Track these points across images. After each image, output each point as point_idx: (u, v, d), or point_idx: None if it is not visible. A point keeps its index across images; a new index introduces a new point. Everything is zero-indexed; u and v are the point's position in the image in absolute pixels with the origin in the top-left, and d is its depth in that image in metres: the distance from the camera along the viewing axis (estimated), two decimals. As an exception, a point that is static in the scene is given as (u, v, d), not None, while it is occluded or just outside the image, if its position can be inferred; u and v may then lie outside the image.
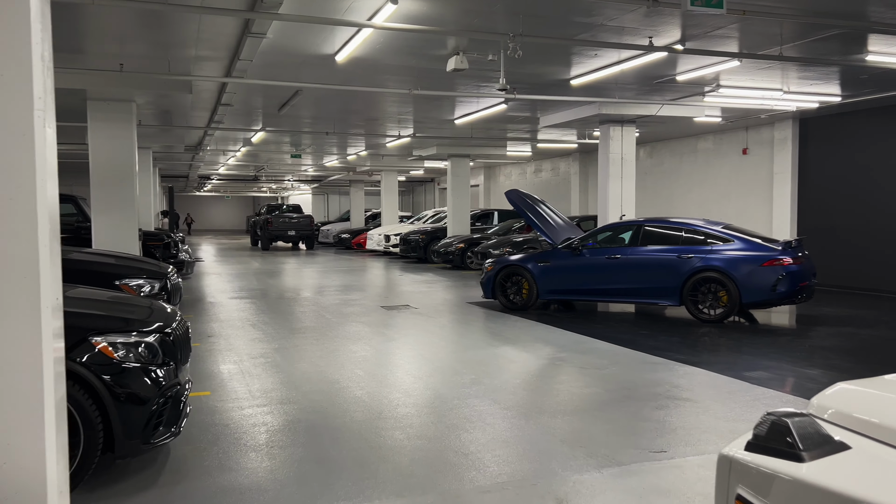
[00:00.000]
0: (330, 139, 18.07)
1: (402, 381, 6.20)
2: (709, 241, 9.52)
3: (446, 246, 18.26)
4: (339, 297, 12.11)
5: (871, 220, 12.85)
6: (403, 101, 12.09)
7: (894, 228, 12.41)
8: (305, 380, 6.28)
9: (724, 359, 7.09)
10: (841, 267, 13.11)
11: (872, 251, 12.81)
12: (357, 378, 6.32)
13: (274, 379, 6.32)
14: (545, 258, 10.59)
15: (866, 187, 12.91)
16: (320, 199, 39.67)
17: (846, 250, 13.19)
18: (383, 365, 6.89)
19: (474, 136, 16.47)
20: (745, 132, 15.59)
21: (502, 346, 7.83)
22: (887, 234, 12.55)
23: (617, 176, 12.83)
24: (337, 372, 6.57)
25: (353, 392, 5.84)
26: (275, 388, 5.99)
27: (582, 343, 8.00)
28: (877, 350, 7.58)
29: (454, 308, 10.89)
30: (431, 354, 7.39)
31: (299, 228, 26.68)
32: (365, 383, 6.13)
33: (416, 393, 5.82)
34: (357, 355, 7.32)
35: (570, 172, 22.69)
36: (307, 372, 6.58)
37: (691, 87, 10.72)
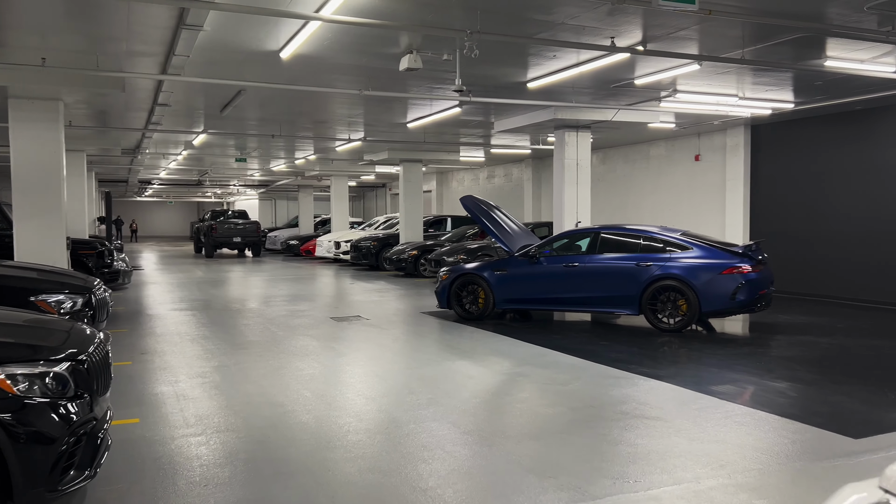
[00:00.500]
0: (277, 142, 17.42)
1: (352, 403, 5.73)
2: (667, 248, 9.34)
3: (399, 253, 17.81)
4: (287, 308, 11.53)
5: (821, 227, 12.96)
6: (354, 102, 11.61)
7: (845, 235, 12.53)
8: (247, 403, 5.75)
9: (689, 371, 6.85)
10: (793, 273, 13.17)
11: (823, 258, 12.91)
12: (304, 400, 5.82)
13: (212, 403, 5.77)
14: (502, 266, 10.25)
15: (817, 194, 13.01)
16: (267, 204, 38.65)
17: (798, 257, 13.27)
18: (333, 384, 6.40)
19: (427, 140, 16.08)
20: (697, 138, 15.61)
21: (459, 360, 7.43)
22: (838, 240, 12.67)
23: (572, 182, 12.61)
24: (282, 393, 6.06)
25: (300, 417, 5.35)
26: (212, 414, 5.44)
27: (541, 356, 7.66)
28: (838, 360, 7.46)
29: (408, 319, 10.45)
30: (384, 371, 6.93)
31: (245, 235, 25.87)
32: (312, 406, 5.64)
33: (368, 417, 5.36)
34: (304, 373, 6.81)
35: (522, 178, 22.51)
36: (249, 394, 6.05)
37: (648, 92, 10.55)
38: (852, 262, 12.39)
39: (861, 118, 12.13)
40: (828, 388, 6.19)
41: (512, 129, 12.87)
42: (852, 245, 12.38)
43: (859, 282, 12.25)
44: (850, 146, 12.36)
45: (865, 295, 12.11)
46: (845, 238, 12.50)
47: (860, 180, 12.24)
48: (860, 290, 12.22)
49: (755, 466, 4.25)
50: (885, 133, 11.81)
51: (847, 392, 6.02)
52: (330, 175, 25.19)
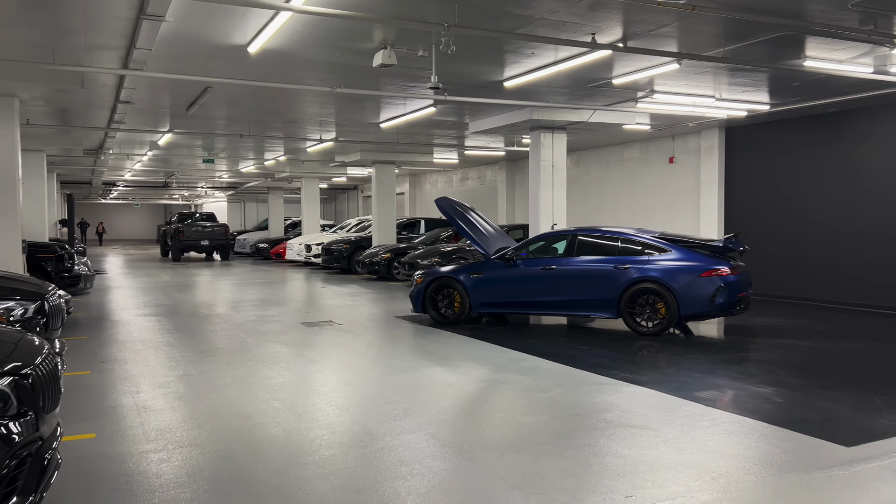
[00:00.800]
0: (246, 143, 17.00)
1: (325, 414, 5.44)
2: (646, 250, 9.20)
3: (371, 256, 17.50)
4: (256, 313, 11.16)
5: (796, 229, 12.97)
6: (325, 101, 11.30)
7: (819, 237, 12.56)
8: (213, 415, 5.42)
9: (671, 377, 6.68)
10: (767, 275, 13.16)
11: (798, 260, 12.93)
12: (273, 411, 5.51)
13: (175, 415, 5.43)
14: (478, 269, 10.03)
15: (791, 196, 13.03)
16: (236, 206, 37.96)
17: (772, 259, 13.27)
18: (304, 394, 6.10)
19: (400, 141, 15.81)
20: (671, 140, 15.58)
21: (435, 366, 7.17)
22: (812, 243, 12.69)
23: (548, 184, 12.44)
24: (250, 404, 5.74)
25: (269, 430, 5.05)
26: (175, 427, 5.11)
27: (520, 361, 7.45)
28: (820, 363, 7.37)
29: (381, 323, 10.17)
30: (358, 379, 6.65)
31: (213, 238, 25.34)
32: (283, 418, 5.34)
33: (341, 429, 5.07)
34: (274, 382, 6.49)
35: (496, 181, 22.35)
36: (215, 405, 5.72)
37: (625, 93, 10.43)
38: (827, 264, 12.42)
39: (835, 120, 12.17)
40: (813, 392, 6.06)
41: (487, 129, 12.66)
42: (827, 247, 12.41)
43: (834, 284, 12.28)
44: (824, 148, 12.40)
45: (840, 297, 12.14)
46: (820, 240, 12.53)
47: (834, 182, 12.28)
48: (835, 292, 12.25)
49: (749, 478, 4.06)
50: (858, 135, 11.86)
51: (833, 397, 5.90)
52: (301, 177, 24.77)
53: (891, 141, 11.37)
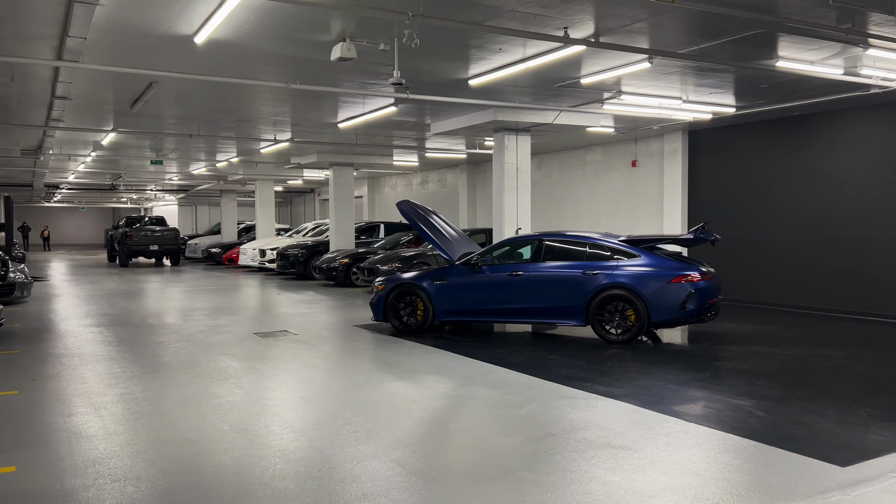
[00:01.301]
0: (196, 143, 16.26)
1: (278, 439, 4.94)
2: (614, 256, 8.92)
3: (329, 261, 16.93)
4: (206, 323, 10.53)
5: (760, 234, 12.91)
6: (280, 98, 10.74)
7: (784, 241, 12.50)
8: (154, 441, 4.88)
9: (647, 389, 6.36)
10: (733, 280, 13.06)
11: (764, 264, 12.86)
12: (221, 436, 4.99)
13: (111, 442, 4.87)
14: (442, 276, 9.61)
15: (755, 200, 12.97)
16: (188, 210, 36.75)
17: (737, 264, 13.19)
18: (256, 414, 5.58)
19: (359, 143, 15.29)
20: (634, 144, 15.43)
21: (399, 381, 6.72)
22: (777, 247, 12.63)
23: (512, 187, 12.11)
24: (196, 427, 5.20)
25: (216, 458, 4.53)
26: (110, 457, 4.56)
27: (488, 373, 7.05)
28: (797, 372, 7.15)
29: (340, 333, 9.67)
30: (315, 397, 6.16)
31: (163, 242, 24.46)
32: (231, 443, 4.82)
33: (297, 455, 4.58)
34: (223, 401, 5.96)
35: (457, 184, 21.99)
36: (157, 429, 5.17)
37: (591, 94, 10.16)
38: (792, 268, 12.37)
39: (798, 124, 12.14)
40: (795, 405, 5.81)
41: (449, 131, 12.27)
42: (792, 252, 12.36)
43: (800, 289, 12.23)
44: (788, 152, 12.36)
45: (806, 302, 12.09)
46: (785, 245, 12.48)
47: (798, 186, 12.24)
48: (801, 297, 12.20)
49: (746, 506, 3.73)
50: (822, 139, 11.83)
51: (816, 410, 5.65)
52: (255, 179, 24.00)
53: (854, 145, 11.37)
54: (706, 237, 8.78)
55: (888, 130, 10.90)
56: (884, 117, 10.94)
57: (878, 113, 11.01)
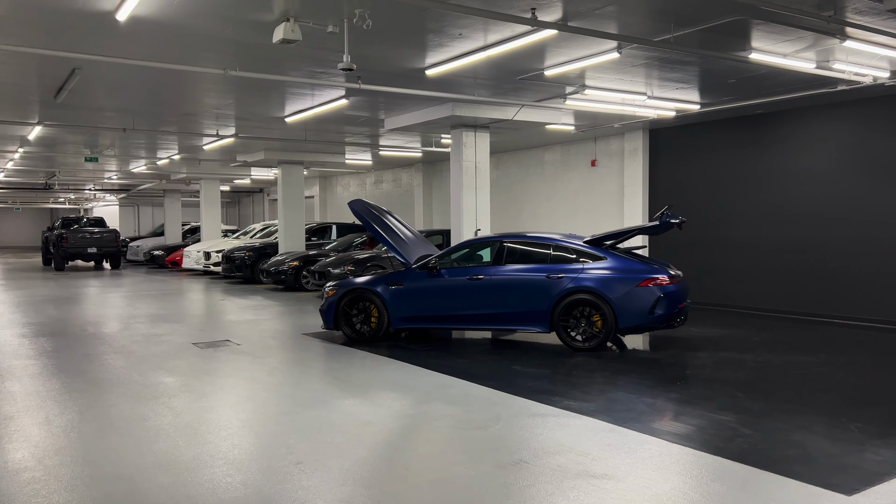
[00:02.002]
0: (135, 140, 15.26)
1: (211, 474, 4.25)
2: (579, 258, 8.46)
3: (278, 264, 16.10)
4: (142, 332, 9.68)
5: (724, 234, 12.66)
6: (221, 89, 9.95)
7: (746, 242, 12.26)
8: (66, 477, 4.13)
9: (621, 404, 5.88)
10: (695, 282, 12.76)
11: (726, 266, 12.60)
12: (144, 471, 4.28)
13: (10, 482, 4.11)
14: (397, 280, 8.99)
15: (718, 200, 12.71)
16: (130, 211, 35.15)
17: (700, 265, 12.91)
18: (187, 443, 4.87)
19: (308, 139, 14.52)
20: (593, 143, 15.08)
21: (350, 398, 6.08)
22: (740, 248, 12.38)
23: (471, 186, 11.57)
24: (115, 460, 4.47)
25: (134, 500, 3.82)
26: (8, 501, 3.81)
27: (448, 387, 6.47)
28: (774, 382, 6.77)
29: (287, 342, 8.95)
30: (256, 420, 5.47)
31: (102, 245, 23.28)
32: (155, 481, 4.12)
33: (231, 495, 3.91)
34: (150, 426, 5.23)
35: (413, 184, 21.37)
36: (68, 462, 4.42)
37: (554, 88, 9.68)
38: (756, 270, 12.13)
39: (761, 123, 11.91)
40: (781, 420, 5.38)
41: (405, 127, 11.65)
42: (755, 253, 12.13)
43: (764, 291, 11.99)
44: (751, 151, 12.12)
45: (771, 304, 11.86)
46: (747, 246, 12.24)
47: (762, 186, 12.01)
48: (766, 299, 11.96)
49: (753, 550, 3.23)
50: (785, 138, 11.62)
51: (804, 425, 5.23)
52: (199, 178, 22.93)
53: (818, 143, 11.18)
54: (671, 220, 8.33)
55: (852, 129, 10.73)
56: (848, 115, 10.76)
57: (842, 111, 10.83)
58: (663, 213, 8.43)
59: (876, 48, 7.09)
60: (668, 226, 8.39)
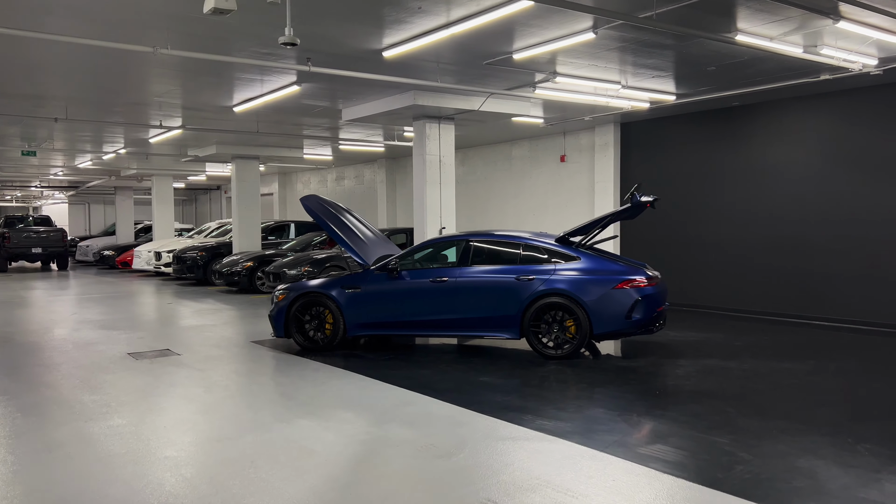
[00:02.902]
0: (77, 132, 14.19)
1: (109, 528, 3.47)
2: (551, 258, 7.82)
3: (231, 265, 15.20)
4: (75, 340, 8.76)
5: (699, 232, 12.16)
6: (161, 75, 9.06)
7: (722, 240, 11.77)
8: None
9: (599, 423, 5.23)
10: (669, 282, 12.25)
11: (701, 265, 12.10)
12: (23, 527, 3.48)
13: None
14: (354, 283, 8.25)
15: (692, 197, 12.20)
16: (80, 209, 33.63)
17: (674, 265, 12.40)
18: (97, 481, 4.07)
19: (262, 131, 13.63)
20: (563, 138, 14.49)
21: (298, 419, 5.33)
22: (715, 246, 11.89)
23: (435, 182, 10.86)
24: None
25: (0, 571, 3.04)
26: None
27: (408, 404, 5.76)
28: (766, 394, 6.21)
29: (233, 352, 8.15)
30: (185, 448, 4.68)
31: (47, 245, 22.22)
32: (35, 540, 3.33)
33: (128, 560, 3.15)
34: (57, 457, 4.41)
35: (375, 181, 20.57)
36: (-71, 518, 3.60)
37: (523, 76, 9.02)
38: (732, 270, 11.65)
39: (737, 115, 11.42)
40: (781, 441, 4.79)
41: (364, 117, 10.88)
42: (731, 252, 11.64)
43: (741, 292, 11.51)
44: (726, 146, 11.63)
45: (748, 305, 11.39)
46: (723, 244, 11.75)
47: (736, 182, 11.53)
48: (742, 300, 11.48)
49: None
50: (762, 131, 11.15)
51: (809, 448, 4.64)
52: (151, 174, 21.82)
53: (796, 137, 10.72)
54: (643, 199, 7.67)
55: (833, 122, 10.28)
56: (829, 108, 10.31)
57: (823, 103, 10.38)
58: (633, 193, 7.79)
59: (868, 30, 6.59)
60: (640, 206, 7.73)
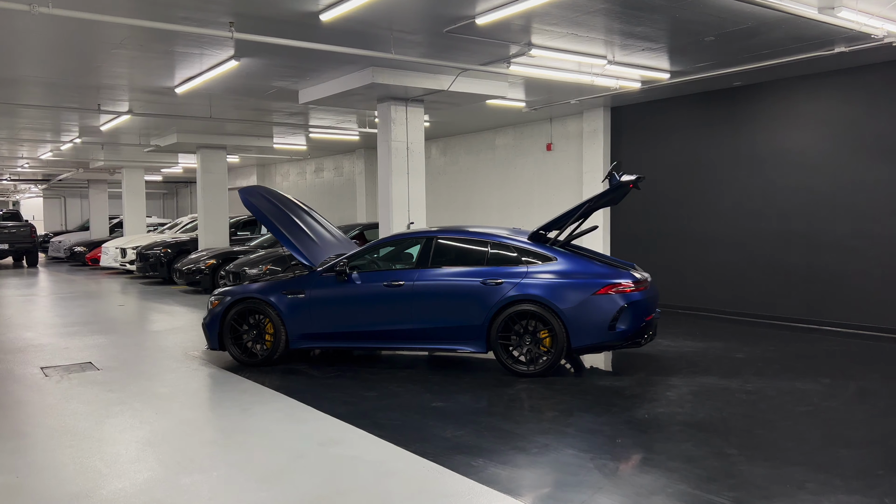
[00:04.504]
0: (32, 120, 13.05)
1: None
2: (523, 259, 6.72)
3: (193, 263, 14.10)
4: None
5: (696, 227, 11.03)
6: (89, 54, 7.92)
7: (723, 236, 10.64)
8: None
9: (571, 473, 4.14)
10: (663, 283, 11.14)
11: (699, 264, 10.98)
12: None
13: None
14: (297, 287, 7.15)
15: (689, 187, 11.08)
16: (55, 203, 32.50)
17: (668, 263, 11.30)
18: None
19: (216, 117, 12.45)
20: (549, 124, 13.35)
21: (182, 473, 4.23)
22: (715, 243, 10.76)
23: (401, 171, 9.74)
24: None
25: None
26: None
27: (333, 443, 4.67)
28: (775, 426, 5.11)
29: (161, 366, 7.05)
30: None
31: (14, 241, 21.31)
32: None
33: None
34: None
35: (354, 172, 19.44)
36: None
37: (495, 49, 7.89)
38: (733, 269, 10.52)
39: (739, 97, 10.28)
40: (800, 499, 3.69)
41: (322, 99, 9.73)
42: (733, 249, 10.52)
43: (743, 293, 10.39)
44: (727, 131, 10.49)
45: (751, 308, 10.27)
46: (724, 241, 10.62)
47: (738, 172, 10.39)
48: (744, 302, 10.36)
49: None
50: (767, 115, 10.01)
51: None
52: (121, 166, 20.70)
53: (805, 121, 9.58)
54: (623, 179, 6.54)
55: (848, 103, 9.14)
56: (843, 87, 9.17)
57: (836, 81, 9.24)
58: (611, 172, 6.67)
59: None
60: (621, 188, 6.61)
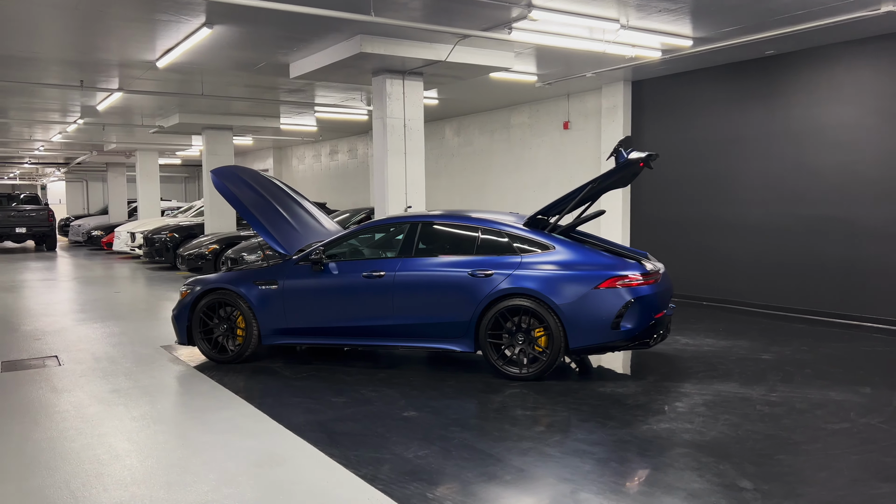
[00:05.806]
0: (35, 100, 12.63)
1: None
2: (518, 247, 5.97)
3: (196, 247, 13.64)
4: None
5: (722, 212, 10.09)
6: (52, 17, 7.30)
7: (752, 222, 9.69)
8: None
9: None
10: (685, 271, 10.26)
11: (724, 251, 10.06)
12: None
13: None
14: (270, 277, 6.52)
15: (715, 168, 10.13)
16: (77, 186, 32.53)
17: (690, 250, 10.40)
18: None
19: (207, 94, 11.79)
20: (566, 101, 12.46)
21: (102, 489, 3.62)
22: (743, 229, 9.82)
23: (399, 151, 9.01)
24: None
25: None
26: None
27: (276, 462, 4.02)
28: (803, 450, 4.32)
29: (129, 362, 6.52)
30: None
31: (32, 224, 21.37)
32: None
33: None
34: None
35: (368, 154, 18.77)
36: None
37: (495, 13, 7.07)
38: (762, 258, 9.59)
39: (773, 68, 9.30)
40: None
41: (313, 72, 8.99)
42: (761, 236, 9.57)
43: (772, 284, 9.46)
44: (757, 106, 9.52)
45: (780, 301, 9.34)
46: (753, 227, 9.67)
47: (770, 152, 9.43)
48: (773, 294, 9.43)
49: None
50: (802, 88, 9.02)
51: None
52: (135, 149, 20.37)
53: (847, 94, 8.57)
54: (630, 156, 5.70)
55: (894, 72, 8.12)
56: (888, 54, 8.15)
57: (880, 48, 8.21)
58: (617, 149, 5.83)
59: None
60: (629, 166, 5.77)
